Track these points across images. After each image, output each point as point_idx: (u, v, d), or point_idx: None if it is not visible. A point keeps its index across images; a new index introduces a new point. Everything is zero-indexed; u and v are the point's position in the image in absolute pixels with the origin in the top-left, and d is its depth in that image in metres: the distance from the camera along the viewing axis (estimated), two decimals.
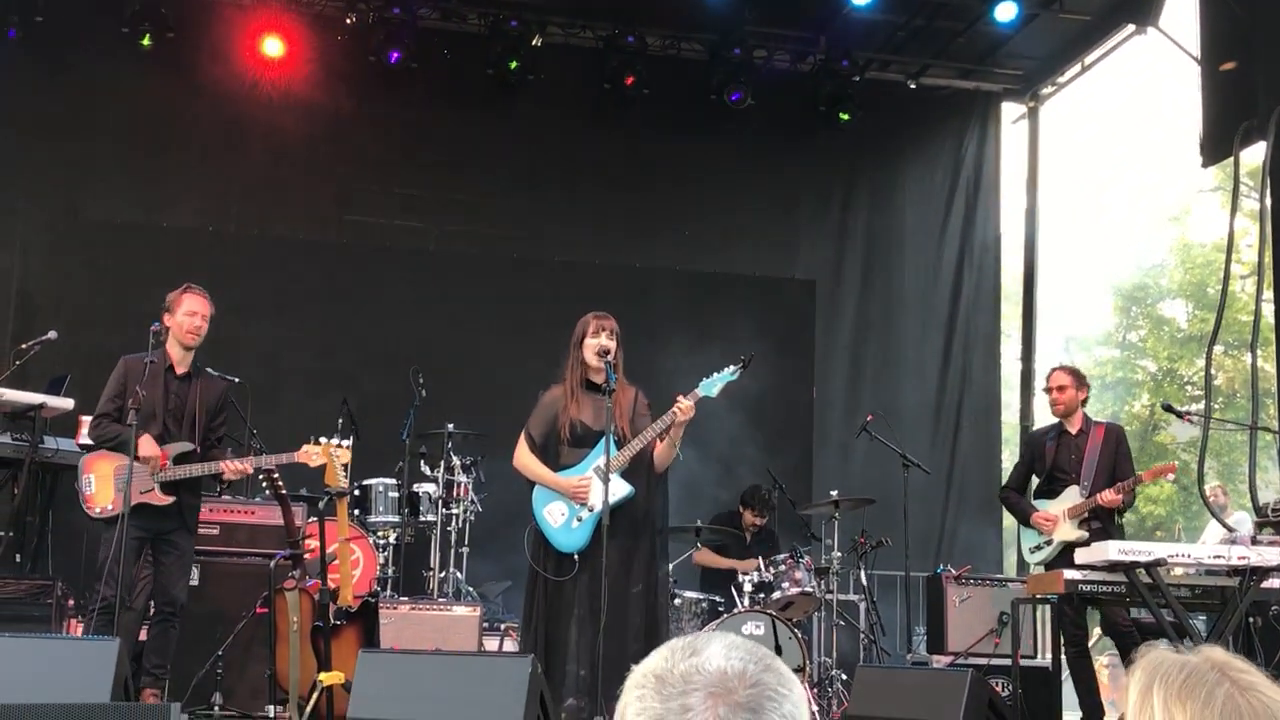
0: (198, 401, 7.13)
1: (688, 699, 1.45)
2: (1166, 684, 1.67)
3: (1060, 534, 7.72)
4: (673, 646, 1.56)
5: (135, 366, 7.03)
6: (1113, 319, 29.66)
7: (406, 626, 8.17)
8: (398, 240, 12.18)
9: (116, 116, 11.35)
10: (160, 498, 6.89)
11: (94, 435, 7.18)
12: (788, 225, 13.05)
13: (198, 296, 7.16)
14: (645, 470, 6.78)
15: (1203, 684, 1.65)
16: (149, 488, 6.86)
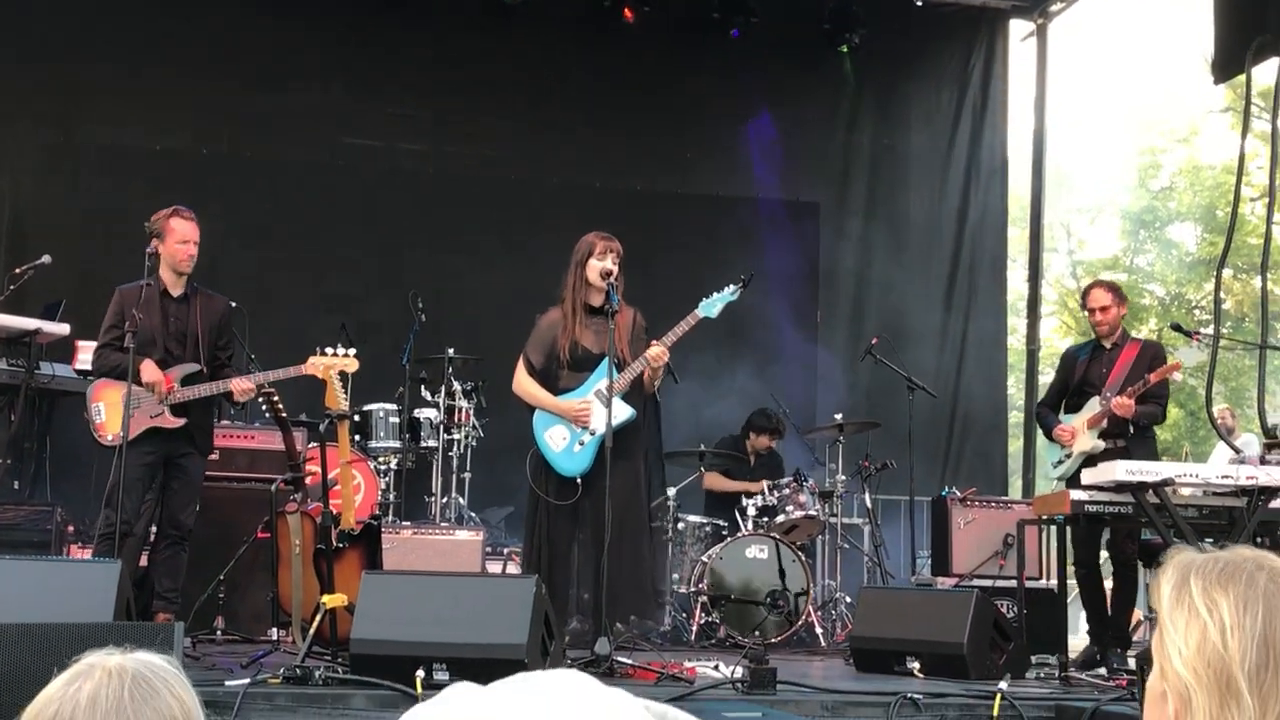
0: (198, 321, 7.12)
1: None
2: (1204, 574, 1.66)
3: (1079, 445, 7.69)
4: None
5: (130, 294, 7.01)
6: (1120, 243, 29.58)
7: (409, 551, 8.23)
8: (395, 163, 12.11)
9: (108, 38, 11.23)
10: (171, 420, 6.90)
11: (96, 366, 7.17)
12: (792, 147, 12.96)
13: (188, 222, 7.09)
14: (637, 393, 6.81)
15: (1241, 570, 1.65)
16: (158, 411, 6.87)
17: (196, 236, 7.12)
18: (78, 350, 9.04)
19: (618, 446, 6.38)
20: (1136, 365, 7.69)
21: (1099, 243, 30.62)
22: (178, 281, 7.14)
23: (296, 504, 6.47)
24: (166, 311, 7.06)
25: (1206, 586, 1.64)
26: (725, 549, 8.83)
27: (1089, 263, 30.17)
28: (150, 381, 6.85)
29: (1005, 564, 9.01)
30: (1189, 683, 1.61)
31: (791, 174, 12.93)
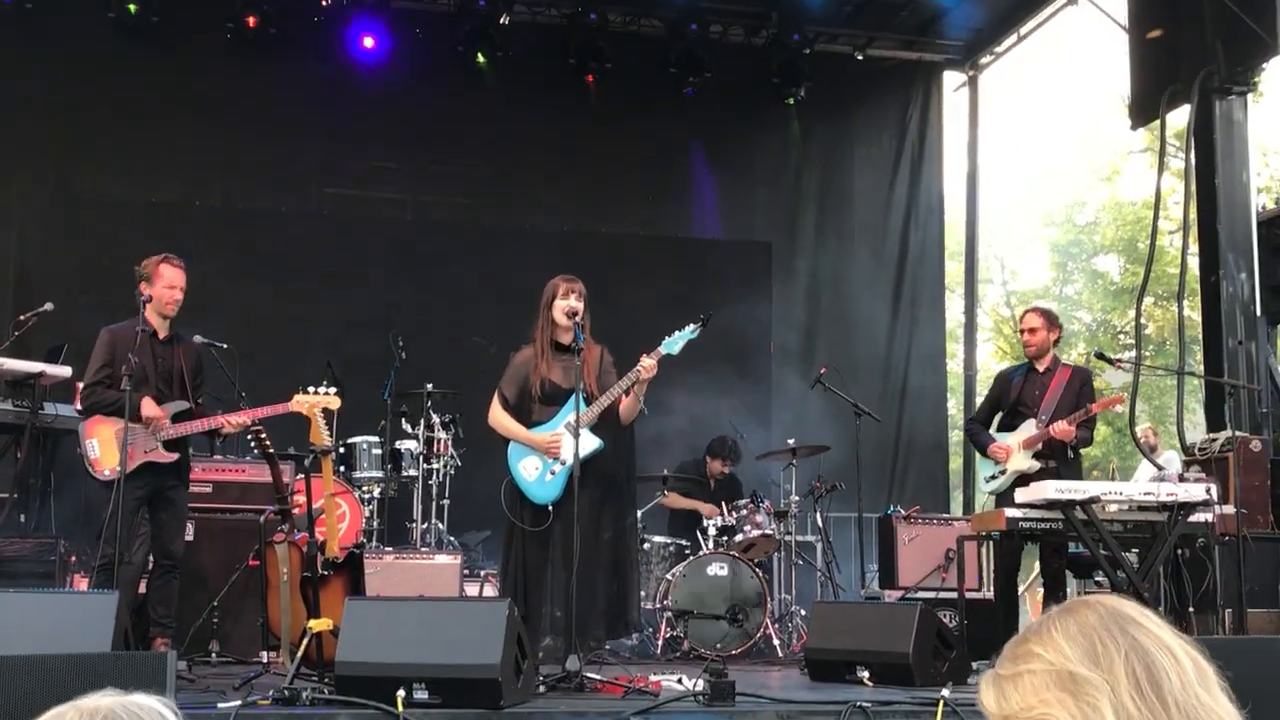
0: (183, 363, 7.07)
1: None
2: (1017, 640, 1.70)
3: (1013, 464, 7.69)
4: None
5: (121, 335, 6.95)
6: (1049, 273, 29.82)
7: (391, 575, 8.17)
8: (376, 210, 12.12)
9: (103, 95, 11.22)
10: (165, 455, 6.85)
11: (88, 403, 7.04)
12: (744, 191, 13.03)
13: (176, 269, 7.03)
14: (613, 424, 6.80)
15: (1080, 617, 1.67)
16: (152, 447, 6.82)
17: (183, 283, 7.06)
18: (79, 392, 8.96)
19: (586, 476, 6.37)
20: (1068, 389, 7.71)
21: (1030, 274, 30.88)
22: (163, 324, 7.07)
23: (284, 534, 6.41)
24: (155, 353, 6.99)
25: (1015, 643, 1.69)
26: (688, 567, 8.82)
27: (1021, 292, 30.37)
28: (150, 416, 6.79)
29: (947, 577, 9.02)
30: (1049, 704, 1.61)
31: (745, 216, 13.01)
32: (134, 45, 11.10)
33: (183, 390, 7.02)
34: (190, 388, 7.07)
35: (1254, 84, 10.22)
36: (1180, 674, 1.60)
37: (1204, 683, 1.61)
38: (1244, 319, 9.85)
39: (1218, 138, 10.01)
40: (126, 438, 6.56)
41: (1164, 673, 1.59)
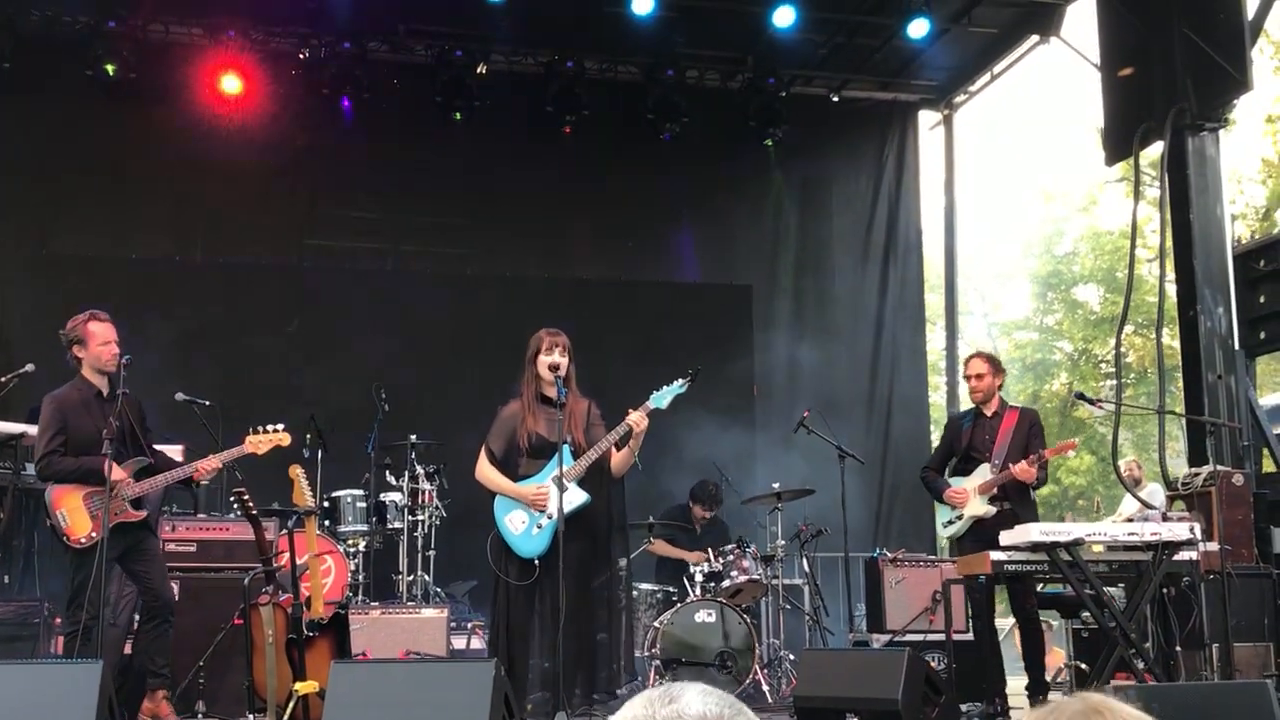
0: (130, 418, 6.94)
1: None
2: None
3: (970, 509, 7.68)
4: (649, 697, 1.58)
5: (66, 400, 6.80)
6: (1030, 304, 29.95)
7: (378, 630, 8.12)
8: (357, 263, 12.13)
9: (83, 154, 11.23)
10: (135, 514, 6.75)
11: (47, 474, 6.79)
12: (724, 234, 13.07)
13: (105, 324, 6.88)
14: (602, 477, 6.79)
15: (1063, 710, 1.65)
16: (123, 508, 6.73)
17: (115, 336, 6.89)
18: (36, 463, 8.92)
19: (571, 529, 6.36)
20: (1017, 432, 7.71)
21: (1011, 305, 31.01)
22: (103, 382, 6.94)
23: (269, 595, 6.37)
24: (105, 412, 6.81)
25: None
26: (675, 614, 8.77)
27: (1004, 323, 30.50)
28: (115, 480, 6.66)
29: (935, 619, 9.00)
30: None
31: (725, 260, 13.05)
32: (112, 104, 11.09)
33: (137, 445, 6.92)
34: (143, 439, 6.97)
35: (1225, 120, 10.29)
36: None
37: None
38: (1222, 353, 9.89)
39: (1191, 174, 10.07)
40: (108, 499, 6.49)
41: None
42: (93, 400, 6.81)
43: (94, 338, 6.85)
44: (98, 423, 6.70)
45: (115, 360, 6.83)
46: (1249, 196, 26.03)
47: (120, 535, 6.76)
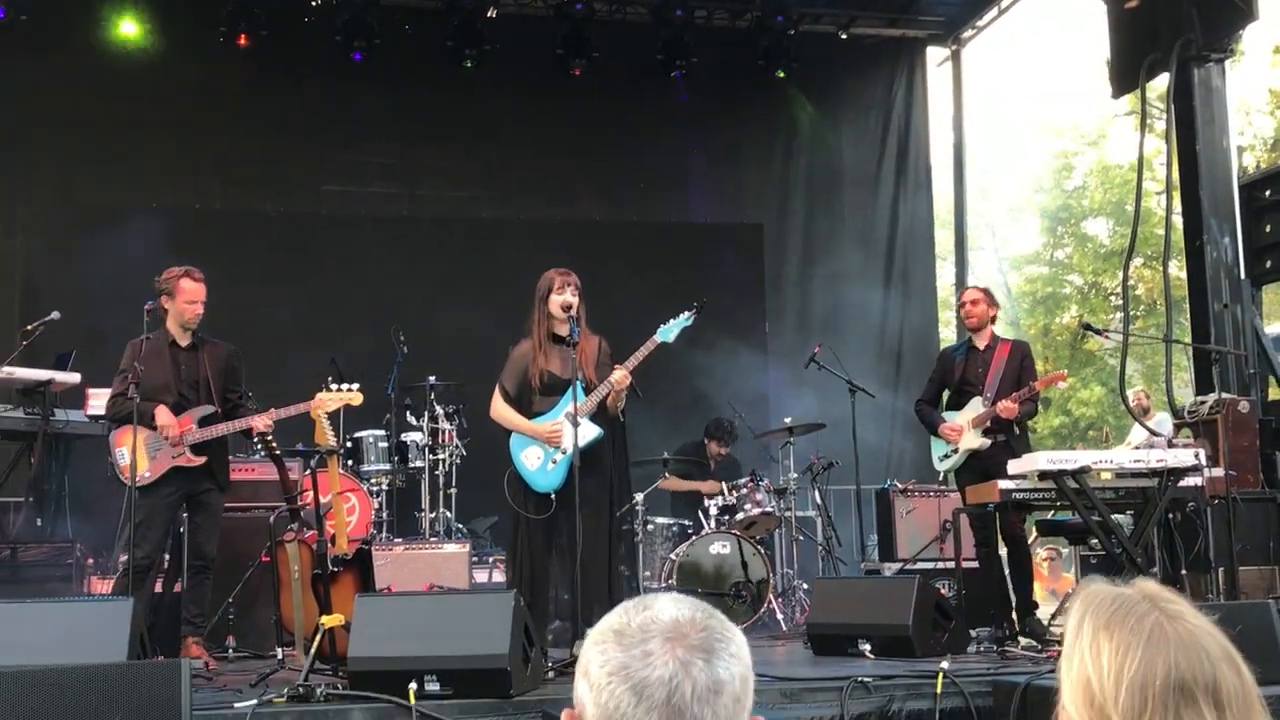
0: (208, 368, 7.07)
1: (648, 645, 1.51)
2: (1097, 615, 1.65)
3: (965, 442, 7.69)
4: (625, 606, 1.60)
5: (144, 346, 6.98)
6: (1040, 239, 29.76)
7: (402, 566, 8.22)
8: (372, 207, 12.13)
9: (105, 106, 11.22)
10: (191, 459, 6.85)
11: (111, 414, 7.04)
12: (734, 173, 13.03)
13: (197, 284, 7.07)
14: (607, 414, 6.82)
15: (1133, 613, 1.63)
16: (180, 452, 6.84)
17: (204, 296, 7.09)
18: (89, 397, 9.00)
19: (586, 463, 6.41)
20: (1009, 365, 7.72)
21: (1021, 239, 30.83)
22: (184, 334, 7.09)
23: (294, 533, 6.45)
24: (177, 360, 6.99)
25: (1095, 630, 1.64)
26: (691, 546, 8.85)
27: (1014, 258, 30.34)
28: (163, 425, 6.80)
29: (945, 548, 9.05)
30: (1073, 717, 1.63)
31: (736, 199, 13.01)
32: (131, 56, 11.08)
33: (209, 395, 7.03)
34: (219, 391, 7.07)
35: (1231, 50, 10.19)
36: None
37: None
38: (1228, 282, 9.86)
39: (1197, 104, 9.99)
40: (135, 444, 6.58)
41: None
42: (167, 350, 6.93)
43: (183, 293, 7.03)
44: (168, 371, 6.84)
45: (197, 318, 7.05)
46: (1257, 128, 25.79)
47: (180, 479, 6.87)
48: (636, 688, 1.48)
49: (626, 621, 1.55)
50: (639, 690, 1.48)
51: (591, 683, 1.52)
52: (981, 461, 7.53)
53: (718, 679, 1.51)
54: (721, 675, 1.52)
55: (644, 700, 1.48)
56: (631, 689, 1.48)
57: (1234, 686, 1.59)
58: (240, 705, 4.81)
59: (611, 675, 1.50)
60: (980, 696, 5.32)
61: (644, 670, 1.49)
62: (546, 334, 6.80)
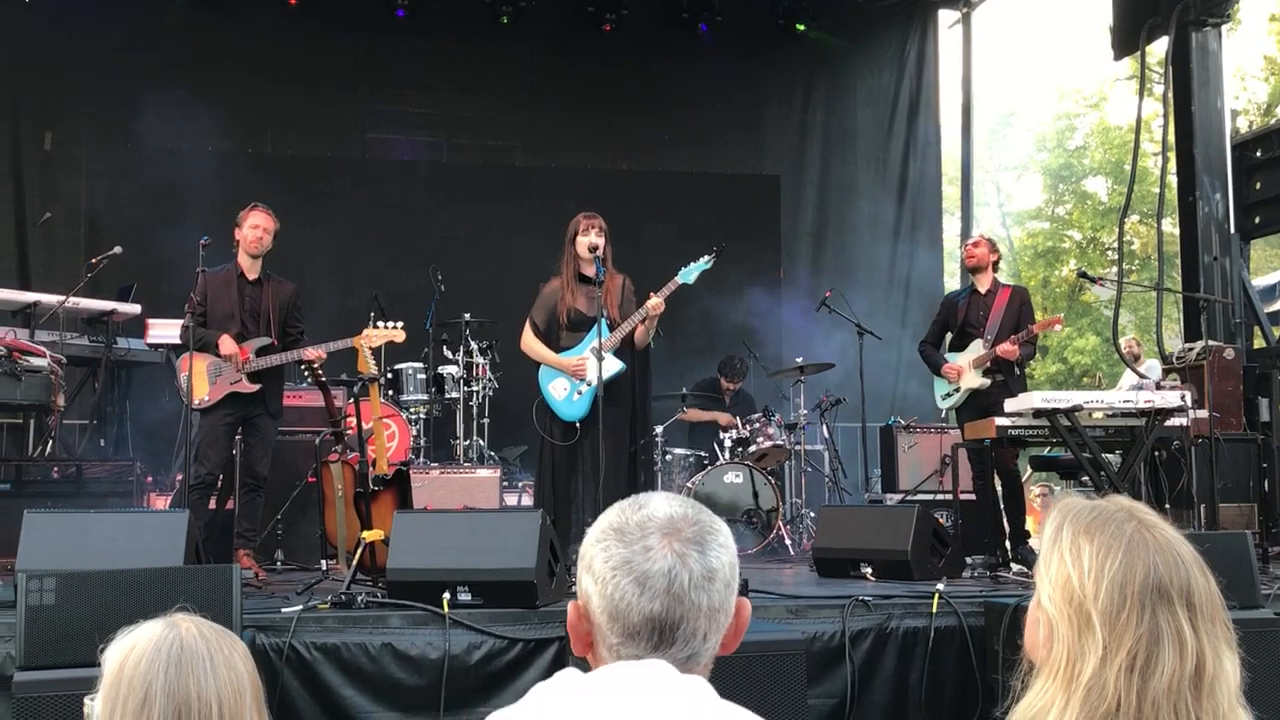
0: (270, 302, 7.13)
1: (647, 541, 1.57)
2: (1075, 521, 1.67)
3: (966, 382, 7.69)
4: (621, 506, 1.65)
5: (212, 278, 7.03)
6: (1042, 195, 29.55)
7: (437, 488, 8.28)
8: (414, 154, 12.11)
9: (166, 53, 11.21)
10: (248, 386, 6.92)
11: (182, 339, 7.15)
12: (754, 127, 12.96)
13: (261, 213, 7.11)
14: (632, 348, 6.85)
15: (1111, 520, 1.65)
16: (237, 378, 6.91)
17: (268, 225, 7.09)
18: (148, 327, 9.09)
19: (609, 395, 6.44)
20: (1009, 308, 7.70)
21: (1024, 196, 30.61)
22: (253, 266, 7.11)
23: (338, 454, 6.51)
24: (243, 293, 7.04)
25: (1075, 534, 1.65)
26: (706, 476, 8.91)
27: (1017, 214, 30.14)
28: (227, 354, 6.87)
29: (944, 480, 9.08)
30: (1054, 615, 1.64)
31: (755, 152, 12.94)
32: (192, 6, 11.10)
33: (268, 328, 7.09)
34: (278, 324, 7.13)
35: (1228, 15, 10.06)
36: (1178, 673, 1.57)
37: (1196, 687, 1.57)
38: (1219, 236, 9.80)
39: (1194, 67, 9.89)
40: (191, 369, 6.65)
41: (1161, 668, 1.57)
42: (235, 280, 6.97)
43: (245, 220, 7.10)
44: (234, 302, 6.92)
45: (258, 245, 7.07)
46: (1252, 93, 25.46)
47: (237, 404, 6.94)
48: (639, 579, 1.55)
49: (625, 520, 1.61)
50: (641, 582, 1.55)
51: (596, 577, 1.58)
52: (981, 400, 7.54)
53: (710, 568, 1.58)
54: (714, 564, 1.59)
55: (646, 590, 1.55)
56: (635, 581, 1.55)
57: (1204, 590, 1.61)
58: (287, 610, 4.89)
59: (615, 570, 1.56)
60: (973, 616, 5.36)
61: (645, 564, 1.55)
62: (575, 273, 6.82)
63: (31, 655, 4.09)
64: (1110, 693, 1.56)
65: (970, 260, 7.94)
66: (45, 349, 6.95)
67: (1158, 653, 1.56)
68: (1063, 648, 1.62)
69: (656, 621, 1.55)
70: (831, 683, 5.14)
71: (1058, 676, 1.62)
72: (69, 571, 4.21)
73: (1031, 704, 1.64)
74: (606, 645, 1.58)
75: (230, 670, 1.87)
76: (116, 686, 1.84)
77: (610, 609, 1.56)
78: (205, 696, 1.84)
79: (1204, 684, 1.57)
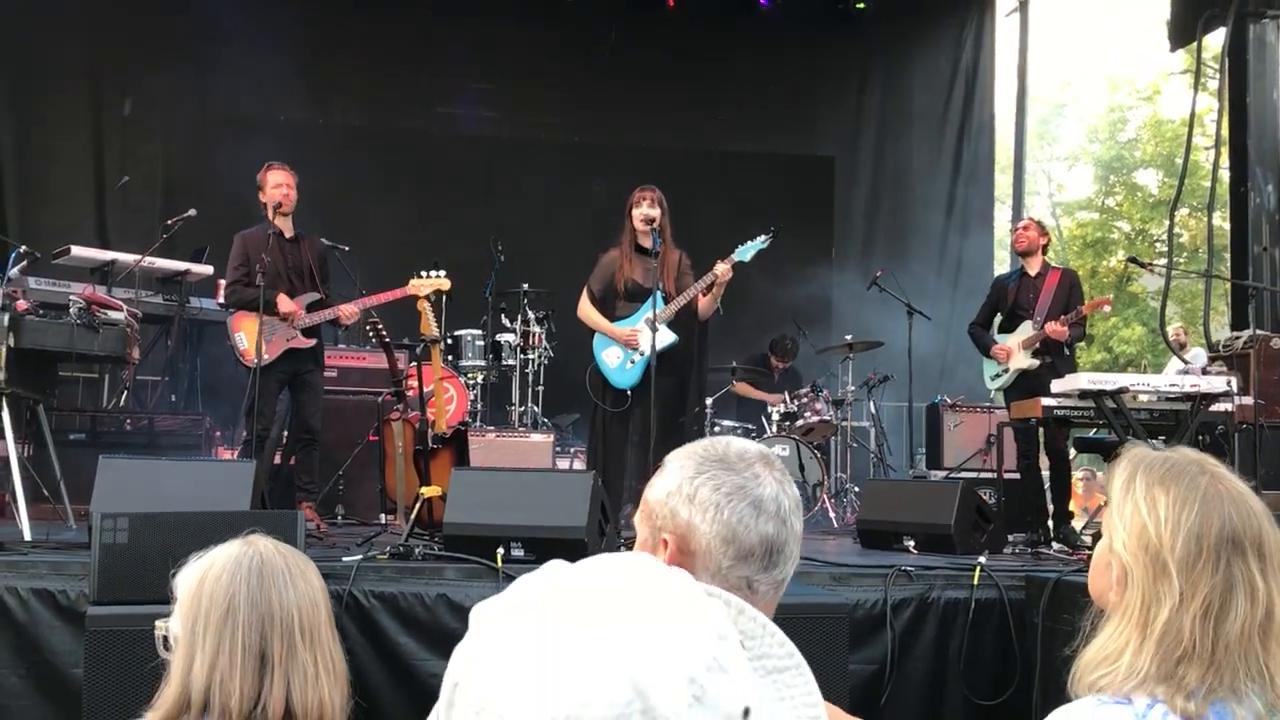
0: (310, 258, 7.18)
1: (754, 469, 1.65)
2: (1149, 471, 1.67)
3: (1015, 362, 7.63)
4: (704, 443, 1.71)
5: (251, 239, 7.08)
6: (1093, 186, 29.16)
7: (493, 450, 8.34)
8: (477, 129, 12.14)
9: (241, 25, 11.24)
10: (304, 341, 6.99)
11: (231, 300, 7.16)
12: (810, 108, 12.87)
13: (279, 170, 7.13)
14: (689, 320, 6.84)
15: (1185, 472, 1.65)
16: (293, 335, 6.97)
17: (289, 180, 7.10)
18: (219, 288, 9.17)
19: (661, 365, 6.45)
20: (1059, 290, 7.63)
21: (1075, 187, 30.22)
22: (286, 223, 7.16)
23: (399, 413, 6.57)
24: (284, 251, 7.07)
25: (1150, 484, 1.66)
26: None
27: (1067, 204, 29.77)
28: (287, 312, 6.94)
29: (988, 459, 9.01)
30: (1128, 561, 1.65)
31: (811, 133, 12.86)
32: None
33: (313, 283, 7.15)
34: (319, 279, 7.19)
35: None
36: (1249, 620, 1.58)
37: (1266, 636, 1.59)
38: (1269, 227, 9.61)
39: (1250, 59, 9.70)
40: (261, 330, 6.72)
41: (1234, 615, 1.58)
42: (273, 239, 7.00)
43: (268, 182, 7.14)
44: (279, 261, 6.95)
45: (289, 201, 7.10)
46: None
47: (291, 360, 7.00)
48: (755, 503, 1.62)
49: (722, 452, 1.68)
50: (757, 505, 1.62)
51: (705, 504, 1.62)
52: (1030, 381, 7.46)
53: (797, 495, 1.69)
54: (797, 493, 1.70)
55: (762, 513, 1.62)
56: (751, 504, 1.62)
57: (1274, 541, 1.63)
58: (348, 559, 4.95)
59: (730, 495, 1.62)
60: (1014, 590, 5.32)
61: (758, 489, 1.63)
62: (632, 245, 6.82)
63: (105, 591, 4.17)
64: (1186, 637, 1.58)
65: (1020, 244, 7.87)
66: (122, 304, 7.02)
67: (1231, 600, 1.58)
68: (1137, 592, 1.63)
69: (769, 542, 1.62)
70: (872, 649, 5.13)
71: (1131, 620, 1.63)
72: (142, 513, 4.28)
73: (1105, 645, 1.65)
74: (711, 571, 1.62)
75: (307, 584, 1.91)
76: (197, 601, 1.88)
77: (725, 533, 1.61)
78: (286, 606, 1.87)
79: (1273, 631, 1.59)
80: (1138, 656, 1.60)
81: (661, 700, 0.86)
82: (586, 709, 0.83)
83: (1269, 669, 1.57)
